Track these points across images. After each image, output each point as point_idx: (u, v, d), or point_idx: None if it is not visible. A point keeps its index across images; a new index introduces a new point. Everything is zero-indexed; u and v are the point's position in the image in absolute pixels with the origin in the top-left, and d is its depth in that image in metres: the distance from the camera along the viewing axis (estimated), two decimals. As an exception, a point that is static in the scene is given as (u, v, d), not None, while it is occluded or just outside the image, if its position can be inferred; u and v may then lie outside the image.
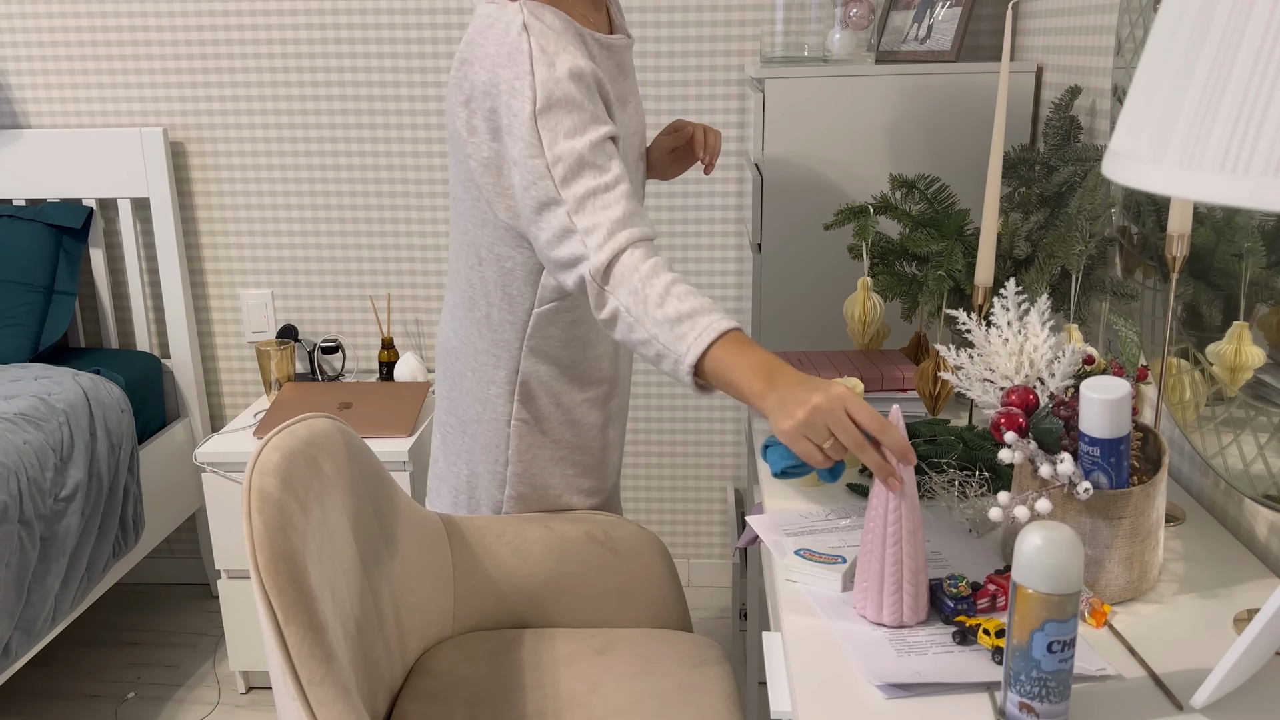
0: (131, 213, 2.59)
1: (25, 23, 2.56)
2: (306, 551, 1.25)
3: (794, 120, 2.07)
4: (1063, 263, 1.45)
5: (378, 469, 1.57)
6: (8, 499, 1.91)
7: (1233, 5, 0.60)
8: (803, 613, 1.10)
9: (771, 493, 1.39)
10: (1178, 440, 1.40)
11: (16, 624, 1.97)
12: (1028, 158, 1.66)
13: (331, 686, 1.18)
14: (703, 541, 2.83)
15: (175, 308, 2.64)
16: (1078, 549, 0.86)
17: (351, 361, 2.75)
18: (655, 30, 2.45)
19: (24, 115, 2.62)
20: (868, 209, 1.61)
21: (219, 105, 2.58)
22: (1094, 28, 1.73)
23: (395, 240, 2.64)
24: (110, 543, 2.27)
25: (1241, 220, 1.20)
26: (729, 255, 2.58)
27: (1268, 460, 1.14)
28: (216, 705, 2.41)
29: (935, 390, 1.53)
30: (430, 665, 1.61)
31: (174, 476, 2.62)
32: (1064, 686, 0.89)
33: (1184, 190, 0.61)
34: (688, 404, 2.70)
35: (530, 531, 1.74)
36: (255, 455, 1.29)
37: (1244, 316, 1.19)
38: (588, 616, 1.75)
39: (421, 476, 2.34)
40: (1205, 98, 0.61)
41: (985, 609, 1.07)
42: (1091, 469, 1.07)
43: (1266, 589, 1.13)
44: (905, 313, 1.59)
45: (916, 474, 1.39)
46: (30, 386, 2.22)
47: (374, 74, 2.53)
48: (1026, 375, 1.21)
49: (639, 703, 1.50)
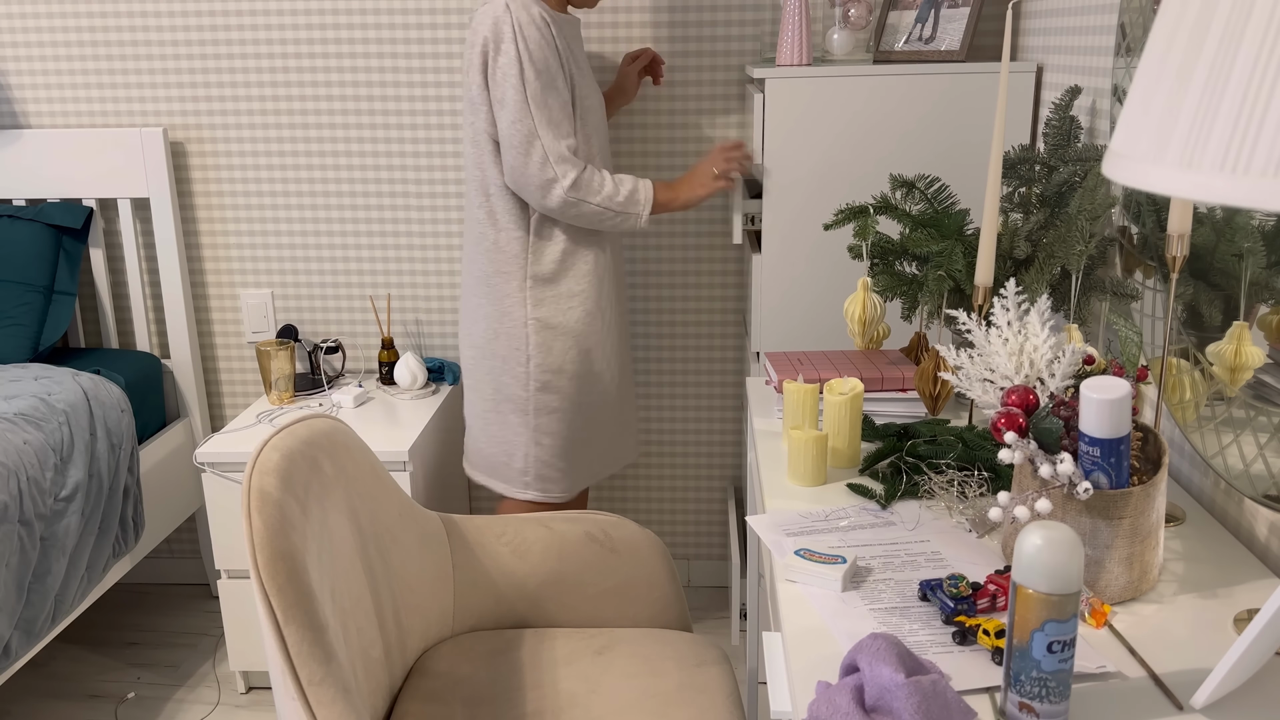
0: (131, 213, 2.59)
1: (25, 23, 2.56)
2: (306, 551, 1.25)
3: (794, 120, 2.07)
4: (1063, 263, 1.45)
5: (378, 469, 1.57)
6: (8, 499, 1.91)
7: (1233, 5, 0.60)
8: (803, 613, 1.10)
9: (772, 493, 1.39)
10: (1178, 440, 1.40)
11: (16, 624, 1.97)
12: (1028, 158, 1.66)
13: (331, 686, 1.18)
14: (703, 541, 2.84)
15: (175, 308, 2.64)
16: (1078, 549, 0.86)
17: (351, 361, 2.75)
18: (655, 30, 2.45)
19: (24, 115, 2.62)
20: (868, 209, 1.61)
21: (219, 105, 2.58)
22: (1094, 28, 1.73)
23: (395, 240, 2.64)
24: (110, 543, 2.27)
25: (1241, 220, 1.20)
26: (729, 255, 2.58)
27: (1268, 460, 1.14)
28: (216, 705, 2.41)
29: (935, 390, 1.53)
30: (430, 665, 1.61)
31: (174, 476, 2.62)
32: (1064, 686, 0.89)
33: (1184, 190, 0.61)
34: (688, 404, 2.70)
35: (530, 531, 1.74)
36: (255, 455, 1.29)
37: (1244, 316, 1.19)
38: (587, 616, 1.75)
39: (421, 476, 2.34)
40: (1205, 98, 0.61)
41: (985, 609, 1.07)
42: (1091, 469, 1.07)
43: (1266, 589, 1.13)
44: (905, 313, 1.59)
45: (917, 474, 1.39)
46: (30, 386, 2.22)
47: (374, 74, 2.53)
48: (1026, 375, 1.21)
49: (639, 703, 1.50)
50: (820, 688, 0.94)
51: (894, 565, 1.19)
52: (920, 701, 0.85)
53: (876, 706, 0.88)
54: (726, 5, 2.42)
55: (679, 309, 2.63)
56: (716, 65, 2.46)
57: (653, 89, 2.48)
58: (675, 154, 2.52)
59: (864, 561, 1.20)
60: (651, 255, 2.60)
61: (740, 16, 2.42)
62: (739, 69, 2.46)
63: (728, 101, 2.47)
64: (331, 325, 2.73)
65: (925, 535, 1.26)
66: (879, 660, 0.88)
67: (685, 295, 2.62)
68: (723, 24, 2.43)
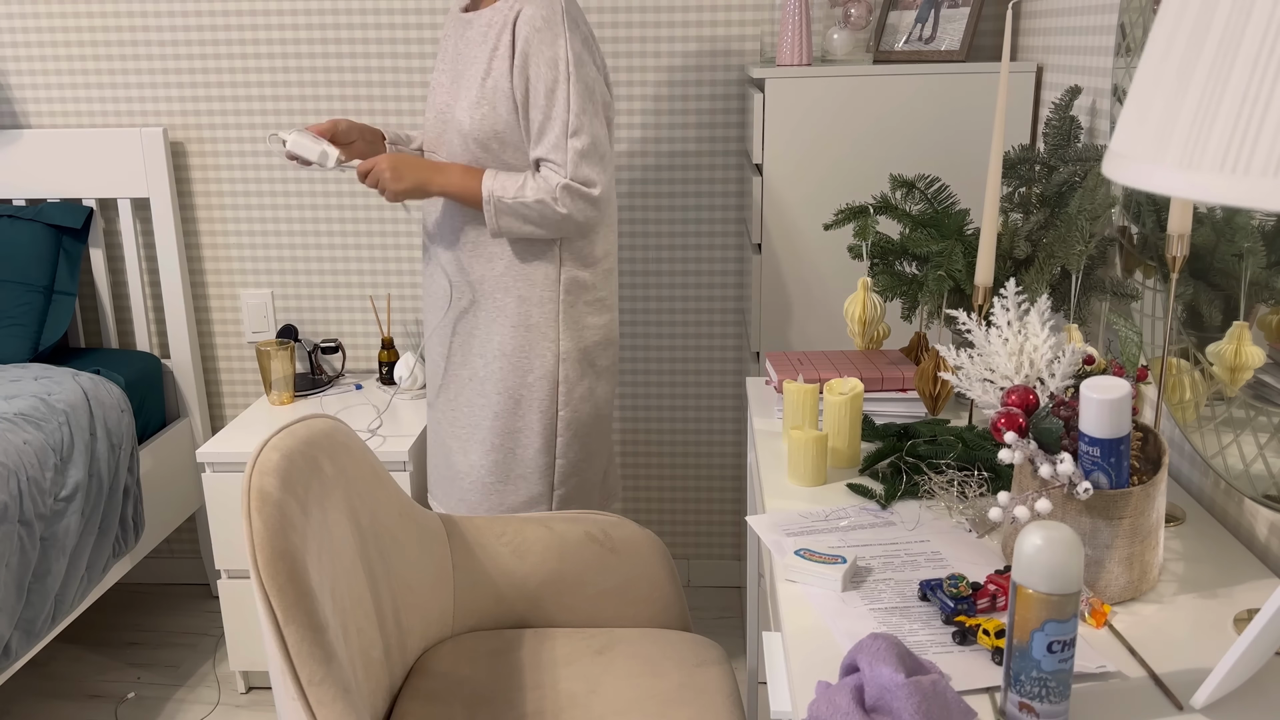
0: (131, 213, 2.59)
1: (25, 23, 2.56)
2: (306, 551, 1.25)
3: (794, 120, 2.07)
4: (1063, 263, 1.45)
5: (378, 469, 1.57)
6: (8, 499, 1.91)
7: (1233, 5, 0.60)
8: (803, 613, 1.10)
9: (772, 493, 1.39)
10: (1178, 440, 1.40)
11: (16, 624, 1.97)
12: (1028, 158, 1.66)
13: (331, 686, 1.18)
14: (703, 541, 2.84)
15: (175, 308, 2.64)
16: (1078, 549, 0.86)
17: (351, 361, 2.75)
18: (655, 30, 2.45)
19: (24, 115, 2.62)
20: (868, 209, 1.61)
21: (219, 105, 2.58)
22: (1094, 28, 1.73)
23: (395, 240, 2.64)
24: (110, 543, 2.27)
25: (1241, 220, 1.20)
26: (729, 255, 2.58)
27: (1268, 460, 1.14)
28: (216, 705, 2.41)
29: (935, 390, 1.53)
30: (430, 665, 1.61)
31: (174, 476, 2.62)
32: (1064, 686, 0.89)
33: (1184, 190, 0.61)
34: (688, 404, 2.70)
35: (530, 531, 1.74)
36: (255, 455, 1.29)
37: (1244, 316, 1.19)
38: (587, 616, 1.75)
39: (421, 477, 2.34)
40: (1205, 98, 0.61)
41: (985, 609, 1.07)
42: (1091, 469, 1.07)
43: (1266, 589, 1.13)
44: (905, 313, 1.59)
45: (917, 474, 1.39)
46: (30, 386, 2.22)
47: (374, 74, 2.53)
48: (1026, 375, 1.21)
49: (639, 703, 1.50)
50: (820, 688, 0.94)
51: (894, 565, 1.19)
52: (920, 701, 0.85)
53: (876, 706, 0.88)
54: (726, 5, 2.42)
55: (679, 309, 2.63)
56: (716, 65, 2.46)
57: (653, 89, 2.48)
58: (675, 154, 2.52)
59: (864, 561, 1.20)
60: (651, 255, 2.60)
61: (740, 16, 2.42)
62: (739, 69, 2.46)
63: (728, 101, 2.47)
64: (331, 325, 2.73)
65: (925, 535, 1.26)
66: (879, 660, 0.88)
67: (685, 295, 2.62)
68: (723, 24, 2.43)
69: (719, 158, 2.52)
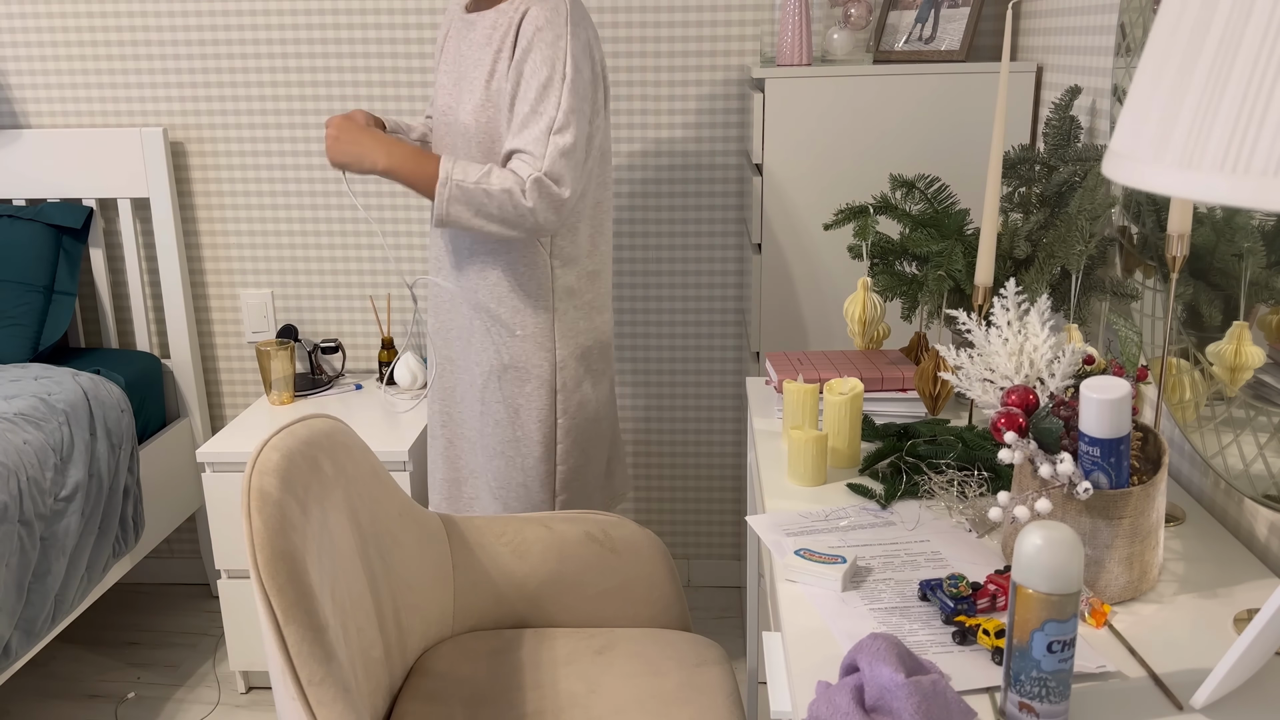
0: (131, 213, 2.59)
1: (25, 23, 2.56)
2: (306, 551, 1.25)
3: (794, 120, 2.07)
4: (1063, 263, 1.45)
5: (377, 469, 1.57)
6: (8, 499, 1.91)
7: (1233, 5, 0.60)
8: (803, 613, 1.10)
9: (772, 492, 1.39)
10: (1178, 440, 1.40)
11: (16, 624, 1.97)
12: (1028, 158, 1.66)
13: (331, 686, 1.18)
14: (704, 541, 2.84)
15: (175, 308, 2.64)
16: (1078, 549, 0.86)
17: (351, 361, 2.75)
18: (655, 30, 2.45)
19: (24, 115, 2.62)
20: (868, 209, 1.61)
21: (219, 105, 2.58)
22: (1094, 28, 1.73)
23: (395, 240, 2.64)
24: (110, 543, 2.27)
25: (1241, 220, 1.20)
26: (729, 255, 2.58)
27: (1268, 460, 1.14)
28: (216, 705, 2.41)
29: (935, 390, 1.53)
30: (430, 665, 1.61)
31: (174, 476, 2.62)
32: (1064, 686, 0.89)
33: (1184, 190, 0.61)
34: (688, 404, 2.70)
35: (530, 531, 1.74)
36: (255, 455, 1.29)
37: (1244, 316, 1.19)
38: (587, 616, 1.75)
39: (421, 476, 2.34)
40: (1205, 98, 0.61)
41: (985, 609, 1.07)
42: (1091, 469, 1.07)
43: (1266, 589, 1.13)
44: (905, 313, 1.59)
45: (917, 474, 1.39)
46: (30, 386, 2.22)
47: (374, 74, 2.53)
48: (1026, 375, 1.21)
49: (639, 703, 1.50)
50: (820, 688, 0.94)
51: (894, 565, 1.19)
52: (920, 701, 0.85)
53: (876, 706, 0.88)
54: (726, 5, 2.42)
55: (679, 309, 2.63)
56: (716, 65, 2.46)
57: (653, 89, 2.48)
58: (675, 154, 2.52)
59: (864, 561, 1.20)
60: (652, 255, 2.60)
61: (740, 16, 2.42)
62: (739, 69, 2.46)
63: (728, 101, 2.47)
64: (331, 325, 2.73)
65: (925, 535, 1.26)
66: (879, 660, 0.88)
67: (685, 295, 2.62)
68: (723, 24, 2.43)
69: (719, 158, 2.52)
